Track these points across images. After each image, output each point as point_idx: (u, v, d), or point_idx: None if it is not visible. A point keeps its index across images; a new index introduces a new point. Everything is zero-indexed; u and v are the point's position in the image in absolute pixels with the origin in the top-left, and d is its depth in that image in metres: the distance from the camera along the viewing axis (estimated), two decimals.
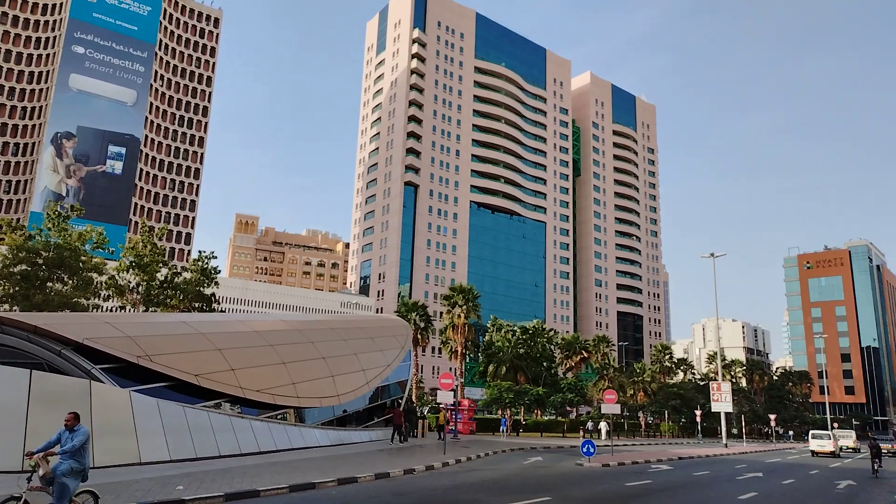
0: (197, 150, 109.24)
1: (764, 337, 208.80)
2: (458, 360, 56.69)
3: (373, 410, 31.14)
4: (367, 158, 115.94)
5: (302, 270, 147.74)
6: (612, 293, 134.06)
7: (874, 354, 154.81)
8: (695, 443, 60.84)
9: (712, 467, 28.68)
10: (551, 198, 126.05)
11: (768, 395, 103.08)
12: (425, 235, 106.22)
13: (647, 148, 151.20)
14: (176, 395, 20.19)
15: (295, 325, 30.20)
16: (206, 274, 42.92)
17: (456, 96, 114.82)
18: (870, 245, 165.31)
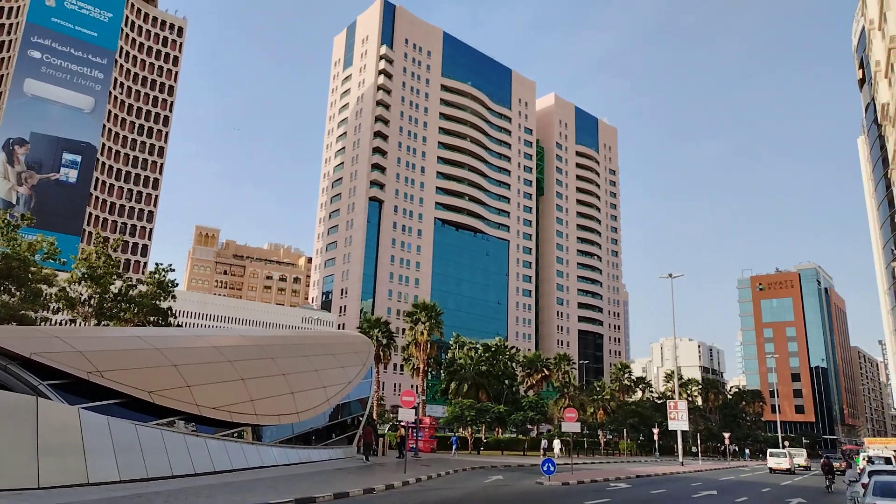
0: (156, 160, 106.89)
1: (719, 356, 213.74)
2: (420, 377, 56.43)
3: (333, 428, 30.66)
4: (332, 173, 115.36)
5: (263, 285, 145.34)
6: (574, 312, 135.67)
7: (823, 374, 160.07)
8: (652, 461, 61.68)
9: (669, 485, 29.10)
10: (515, 216, 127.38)
11: (723, 414, 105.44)
12: (389, 251, 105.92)
13: (609, 169, 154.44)
14: (128, 412, 19.51)
15: (254, 341, 29.63)
16: (162, 287, 41.86)
17: (422, 113, 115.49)
18: (818, 268, 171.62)
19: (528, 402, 61.29)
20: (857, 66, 59.25)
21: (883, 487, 12.72)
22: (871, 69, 46.99)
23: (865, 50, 49.57)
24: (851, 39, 61.37)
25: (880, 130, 48.34)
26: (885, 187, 51.86)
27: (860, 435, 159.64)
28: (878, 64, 39.97)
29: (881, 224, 57.36)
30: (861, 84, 58.68)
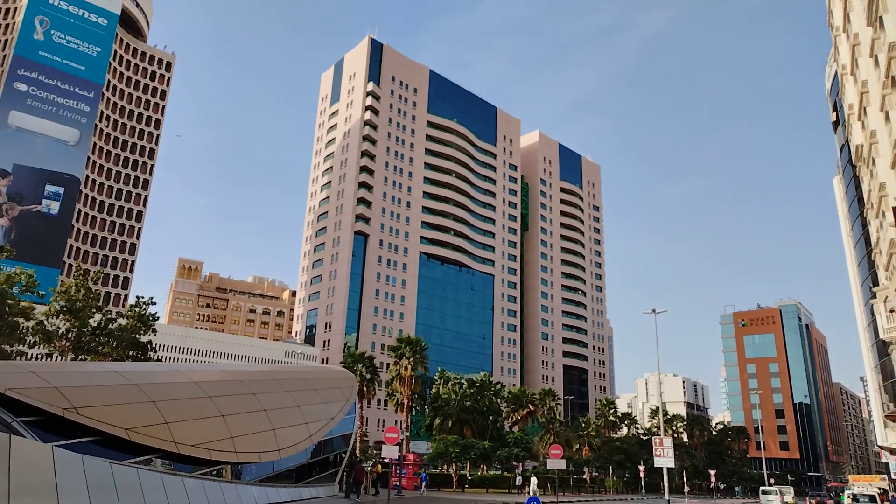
0: (140, 193, 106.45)
1: (703, 392, 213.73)
2: (404, 412, 55.72)
3: (315, 465, 30.03)
4: (318, 207, 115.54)
5: (246, 318, 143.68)
6: (559, 346, 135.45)
7: (806, 411, 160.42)
8: (639, 499, 60.98)
9: None
10: (500, 251, 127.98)
11: (708, 451, 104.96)
12: (374, 285, 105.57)
13: (593, 205, 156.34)
14: (104, 450, 18.99)
15: (236, 376, 29.15)
16: (143, 320, 41.28)
17: (408, 149, 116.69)
18: (799, 304, 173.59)
19: (514, 439, 60.64)
20: (830, 109, 61.14)
21: None
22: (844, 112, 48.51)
23: (839, 94, 51.25)
24: (825, 83, 63.45)
25: (855, 171, 49.67)
26: (861, 226, 53.03)
27: (844, 472, 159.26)
28: (852, 107, 41.29)
29: (858, 262, 58.44)
30: (835, 126, 60.47)
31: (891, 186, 29.70)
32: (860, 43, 34.35)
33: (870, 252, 48.27)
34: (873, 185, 36.83)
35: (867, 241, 49.62)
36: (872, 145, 34.63)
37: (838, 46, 44.01)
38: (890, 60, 24.73)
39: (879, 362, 51.29)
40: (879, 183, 33.65)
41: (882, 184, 32.75)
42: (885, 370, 48.08)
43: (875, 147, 34.10)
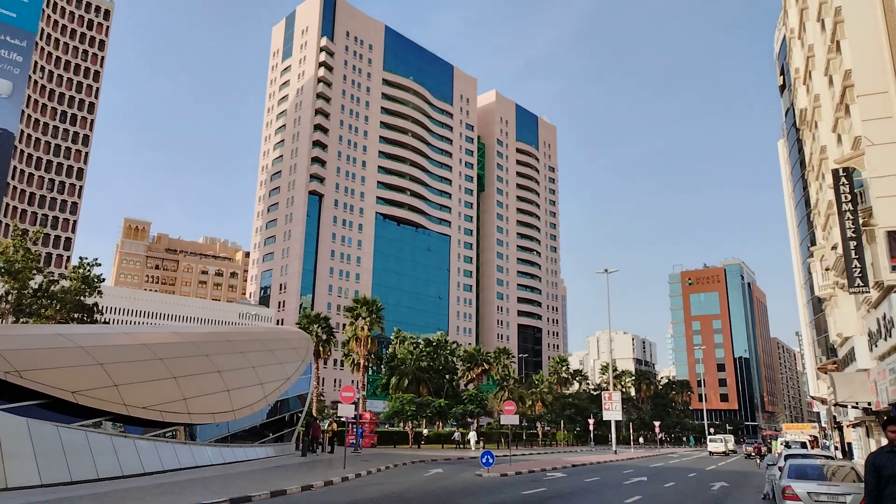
0: (81, 149, 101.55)
1: (651, 348, 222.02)
2: (360, 372, 56.03)
3: (271, 425, 30.10)
4: (271, 165, 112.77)
5: (198, 280, 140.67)
6: (514, 306, 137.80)
7: (745, 365, 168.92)
8: (588, 450, 63.50)
9: (602, 473, 30.07)
10: (456, 212, 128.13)
11: (654, 404, 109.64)
12: (329, 246, 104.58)
13: (548, 167, 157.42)
14: (50, 413, 18.56)
15: (188, 338, 28.68)
16: (87, 282, 39.89)
17: (363, 107, 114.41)
18: (742, 264, 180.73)
19: (469, 396, 61.91)
20: (778, 73, 62.56)
21: (797, 470, 13.59)
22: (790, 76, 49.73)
23: (786, 57, 52.42)
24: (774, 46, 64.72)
25: (798, 134, 51.27)
26: (802, 188, 55.09)
27: (779, 421, 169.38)
28: (798, 71, 42.32)
29: (798, 223, 60.93)
30: (782, 90, 62.01)
31: (831, 149, 30.80)
32: (808, 7, 35.03)
33: (809, 213, 50.32)
34: (815, 147, 38.14)
35: (807, 202, 51.66)
36: (816, 109, 35.70)
37: (787, 10, 44.81)
38: (836, 24, 25.32)
39: (814, 318, 54.14)
40: (821, 146, 34.85)
41: (823, 146, 33.92)
42: (819, 325, 50.79)
43: (818, 111, 35.18)
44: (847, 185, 22.73)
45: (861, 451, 41.19)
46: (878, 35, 20.98)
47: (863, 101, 22.05)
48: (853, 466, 14.03)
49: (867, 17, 21.65)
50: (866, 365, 27.28)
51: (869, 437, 38.41)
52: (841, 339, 36.08)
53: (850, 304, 32.44)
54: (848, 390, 28.11)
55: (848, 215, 22.49)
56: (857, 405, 29.66)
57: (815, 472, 13.41)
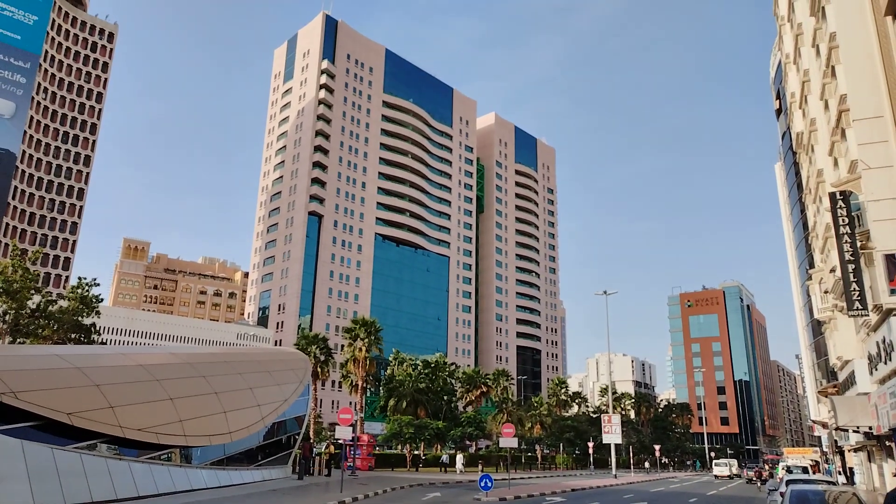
0: (82, 170, 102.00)
1: (651, 370, 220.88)
2: (358, 394, 55.64)
3: (268, 447, 29.80)
4: (271, 186, 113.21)
5: (196, 300, 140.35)
6: (513, 328, 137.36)
7: (746, 387, 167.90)
8: (587, 474, 62.81)
9: (602, 498, 29.73)
10: (455, 233, 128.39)
11: (654, 426, 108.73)
12: (328, 266, 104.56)
13: (547, 188, 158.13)
14: (45, 436, 18.38)
15: (185, 359, 28.51)
16: (85, 302, 39.78)
17: (363, 129, 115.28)
18: (741, 286, 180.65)
19: (467, 418, 61.42)
20: (774, 97, 63.26)
21: (798, 497, 13.45)
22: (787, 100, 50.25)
23: (782, 82, 53.03)
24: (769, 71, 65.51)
25: (795, 158, 51.66)
26: (799, 211, 55.35)
27: (780, 445, 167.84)
28: (794, 95, 42.78)
29: (796, 245, 61.08)
30: (778, 114, 62.66)
31: (828, 173, 31.00)
32: (803, 32, 35.54)
33: (807, 236, 50.47)
34: (811, 171, 38.40)
35: (805, 225, 51.85)
36: (812, 133, 36.03)
37: (783, 36, 45.43)
38: (830, 50, 25.66)
39: (813, 341, 53.96)
40: (817, 169, 35.09)
41: (820, 170, 34.15)
42: (819, 348, 50.63)
43: (814, 135, 35.50)
44: (844, 208, 22.85)
45: (863, 476, 40.77)
46: (873, 60, 21.25)
47: (858, 126, 22.26)
48: (855, 492, 13.89)
49: (862, 42, 21.95)
50: (867, 388, 27.14)
51: (871, 461, 38.03)
52: (841, 362, 35.93)
53: (849, 327, 32.37)
54: (849, 414, 27.91)
55: (846, 238, 22.56)
56: (858, 429, 29.42)
57: (817, 499, 13.29)
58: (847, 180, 24.01)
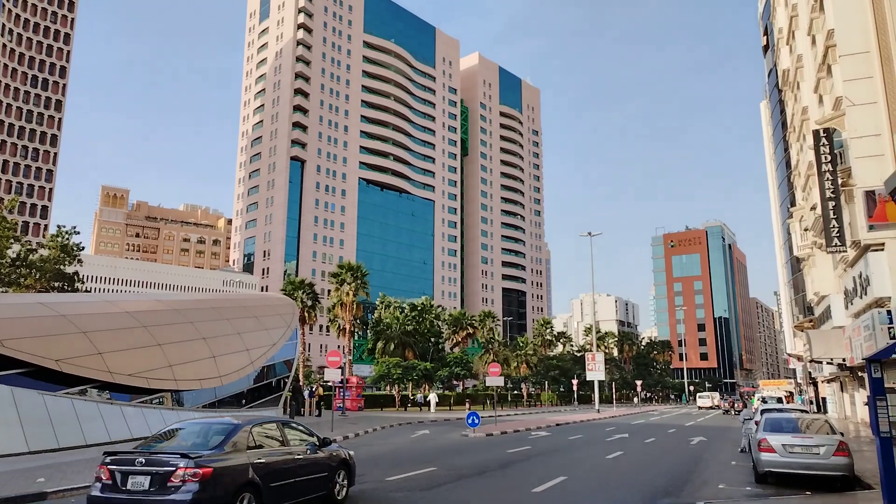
0: (54, 115, 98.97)
1: (634, 310, 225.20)
2: (346, 337, 56.32)
3: (258, 390, 30.30)
4: (251, 131, 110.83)
5: (180, 248, 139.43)
6: (498, 270, 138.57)
7: (725, 324, 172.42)
8: (571, 410, 64.86)
9: (585, 431, 30.81)
10: (440, 176, 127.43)
11: (636, 364, 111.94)
12: (312, 212, 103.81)
13: (532, 130, 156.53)
14: (34, 382, 18.50)
15: (172, 305, 28.53)
16: (66, 251, 39.32)
17: (344, 70, 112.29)
18: (723, 226, 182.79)
19: (454, 359, 62.65)
20: (762, 33, 62.25)
21: (772, 424, 14.01)
22: (774, 36, 49.52)
23: (770, 17, 52.10)
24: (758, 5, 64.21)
25: (781, 95, 51.36)
26: (783, 149, 55.46)
27: (756, 378, 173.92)
28: (781, 31, 42.15)
29: (779, 184, 61.51)
30: (765, 50, 61.82)
31: (813, 110, 30.92)
32: None
33: (790, 175, 50.77)
34: (797, 108, 38.27)
35: (788, 164, 52.08)
36: (798, 69, 35.71)
37: None
38: None
39: (792, 278, 55.16)
40: (802, 107, 34.98)
41: (805, 107, 34.05)
42: (797, 285, 51.80)
43: (801, 71, 35.19)
44: (827, 145, 22.91)
45: (835, 406, 42.55)
46: None
47: (845, 61, 22.07)
48: (827, 420, 14.49)
49: None
50: (842, 322, 27.96)
51: (843, 391, 39.56)
52: (818, 297, 36.84)
53: (827, 264, 33.03)
54: (823, 347, 28.81)
55: (827, 176, 22.72)
56: (832, 361, 30.45)
57: (790, 426, 13.83)
58: (831, 117, 23.99)
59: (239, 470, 8.55)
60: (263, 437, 9.48)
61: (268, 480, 8.89)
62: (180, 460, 8.04)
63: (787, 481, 13.42)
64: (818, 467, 12.71)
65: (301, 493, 9.71)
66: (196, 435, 9.11)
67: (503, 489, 12.75)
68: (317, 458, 10.22)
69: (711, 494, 12.37)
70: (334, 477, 10.63)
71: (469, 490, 12.66)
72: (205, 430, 9.17)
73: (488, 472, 15.13)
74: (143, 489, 8.05)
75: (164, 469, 8.03)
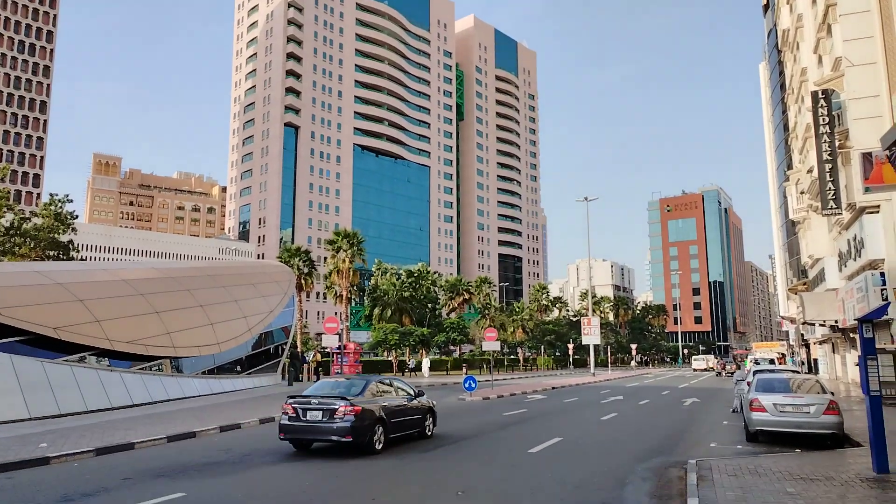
0: (42, 81, 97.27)
1: (629, 275, 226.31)
2: (343, 304, 56.53)
3: (256, 357, 30.59)
4: (243, 97, 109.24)
5: (174, 216, 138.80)
6: (494, 236, 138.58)
7: (719, 288, 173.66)
8: (567, 373, 65.70)
9: (581, 394, 31.27)
10: (435, 141, 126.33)
11: (631, 328, 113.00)
12: (307, 179, 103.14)
13: (528, 94, 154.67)
14: (33, 350, 18.61)
15: (168, 273, 28.56)
16: (60, 219, 39.05)
17: (337, 34, 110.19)
18: (720, 190, 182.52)
19: (451, 324, 63.07)
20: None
21: (764, 384, 14.22)
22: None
23: None
24: None
25: (780, 56, 50.72)
26: (781, 112, 55.03)
27: (749, 341, 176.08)
28: None
29: (776, 147, 61.23)
30: (765, 9, 60.81)
31: (812, 71, 30.58)
32: None
33: (787, 138, 50.49)
34: (795, 69, 37.82)
35: (786, 127, 51.73)
36: (798, 29, 35.18)
37: None
38: None
39: (787, 241, 55.37)
40: (801, 68, 34.57)
41: (804, 68, 33.66)
42: (792, 248, 52.01)
43: (800, 31, 34.68)
44: (825, 107, 22.72)
45: (826, 367, 43.18)
46: None
47: (845, 21, 21.74)
48: (818, 380, 14.71)
49: None
50: (835, 285, 28.17)
51: (834, 353, 40.07)
52: (812, 260, 37.04)
53: (822, 227, 33.10)
54: (816, 309, 29.07)
55: (825, 137, 22.60)
56: (824, 323, 30.77)
57: (782, 386, 14.05)
58: (830, 78, 23.74)
59: (374, 409, 12.32)
60: (382, 389, 13.36)
61: (388, 418, 12.69)
62: (342, 401, 11.91)
63: (778, 440, 13.70)
64: (808, 426, 12.96)
65: (407, 428, 13.59)
66: (343, 387, 12.97)
67: (500, 450, 12.99)
68: (414, 405, 13.95)
69: (703, 453, 12.62)
70: (426, 419, 14.42)
71: (466, 451, 12.90)
72: (348, 384, 13.14)
73: (485, 434, 15.38)
74: (317, 420, 11.94)
75: (331, 407, 11.88)
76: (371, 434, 12.12)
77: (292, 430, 12.14)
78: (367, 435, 12.03)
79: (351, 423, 11.64)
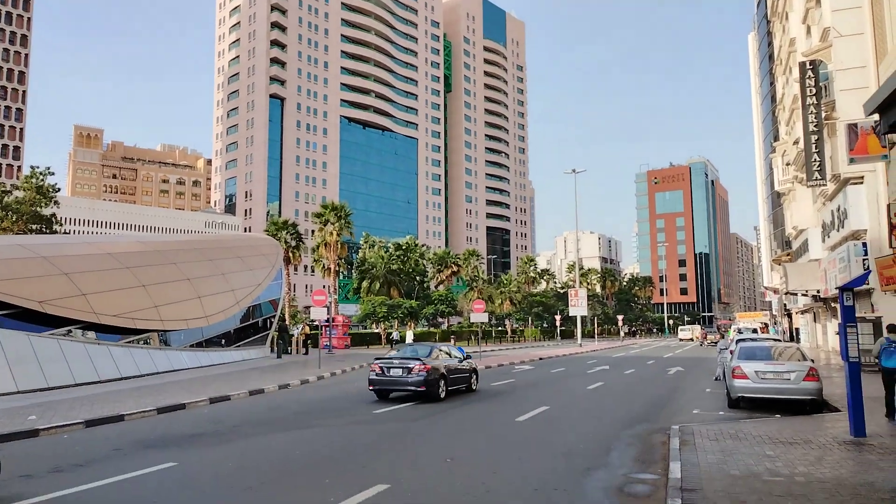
0: (20, 51, 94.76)
1: (617, 247, 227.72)
2: (331, 277, 56.50)
3: (245, 330, 30.59)
4: (227, 67, 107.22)
5: (159, 189, 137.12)
6: (482, 209, 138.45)
7: (705, 260, 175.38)
8: (554, 344, 66.40)
9: (568, 364, 31.67)
10: (423, 113, 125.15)
11: (618, 299, 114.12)
12: (294, 151, 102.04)
13: (517, 65, 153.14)
14: (19, 323, 18.49)
15: (154, 246, 28.32)
16: (42, 192, 38.53)
17: (323, 3, 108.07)
18: (707, 162, 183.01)
19: (439, 297, 63.37)
20: None
21: (746, 352, 14.49)
22: None
23: None
24: None
25: (769, 27, 50.49)
26: (769, 83, 55.00)
27: (733, 311, 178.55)
28: None
29: (763, 118, 61.34)
30: None
31: (800, 42, 30.50)
32: None
33: (774, 109, 50.56)
34: (784, 40, 37.71)
35: (773, 98, 51.77)
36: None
37: None
38: None
39: (772, 212, 55.88)
40: (790, 38, 34.47)
41: (792, 39, 33.57)
42: (776, 220, 52.53)
43: (790, 1, 34.49)
44: (813, 78, 22.73)
45: (807, 336, 44.00)
46: None
47: None
48: (799, 348, 15.00)
49: None
50: (818, 255, 28.54)
51: (816, 322, 40.81)
52: (796, 231, 37.45)
53: (806, 198, 33.40)
54: (799, 279, 29.49)
55: (811, 109, 22.65)
56: (806, 293, 31.24)
57: (764, 353, 14.31)
58: (818, 49, 23.71)
59: (439, 367, 16.00)
60: (442, 353, 16.91)
61: (448, 375, 16.44)
62: (416, 361, 15.55)
63: (759, 406, 14.01)
64: (788, 392, 13.25)
65: (460, 383, 17.31)
66: (415, 351, 16.62)
67: (488, 419, 13.18)
68: (464, 366, 17.67)
69: (686, 419, 12.89)
70: (472, 377, 18.17)
71: (455, 419, 13.08)
72: (418, 349, 17.03)
73: (473, 403, 15.60)
74: (398, 375, 15.56)
75: (408, 365, 15.49)
76: (437, 386, 15.74)
77: (379, 383, 15.83)
78: (436, 386, 15.67)
79: (424, 378, 15.24)
